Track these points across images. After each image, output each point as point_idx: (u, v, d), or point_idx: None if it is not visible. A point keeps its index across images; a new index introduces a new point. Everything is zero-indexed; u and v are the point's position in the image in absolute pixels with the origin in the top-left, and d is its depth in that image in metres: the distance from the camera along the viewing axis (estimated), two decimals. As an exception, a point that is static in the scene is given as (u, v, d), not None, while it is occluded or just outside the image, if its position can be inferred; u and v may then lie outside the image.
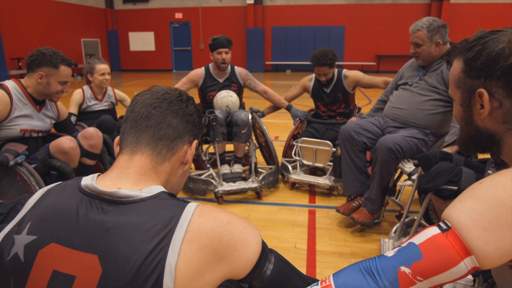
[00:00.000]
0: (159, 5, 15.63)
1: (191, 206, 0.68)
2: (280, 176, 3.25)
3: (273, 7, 14.93)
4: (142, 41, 16.29)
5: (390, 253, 0.67)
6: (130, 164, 0.74)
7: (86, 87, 3.06)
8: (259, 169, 3.20)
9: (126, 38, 16.35)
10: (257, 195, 2.94)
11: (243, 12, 14.98)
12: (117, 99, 3.26)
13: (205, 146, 3.42)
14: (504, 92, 0.74)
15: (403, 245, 0.67)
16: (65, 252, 0.63)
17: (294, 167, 3.15)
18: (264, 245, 0.74)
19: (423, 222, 1.87)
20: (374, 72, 14.54)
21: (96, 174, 0.74)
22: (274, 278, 0.72)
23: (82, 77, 13.57)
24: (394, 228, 2.13)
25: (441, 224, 0.66)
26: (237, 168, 3.10)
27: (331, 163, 2.93)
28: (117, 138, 0.81)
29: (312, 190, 3.12)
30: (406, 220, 2.05)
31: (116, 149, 0.81)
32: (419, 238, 0.66)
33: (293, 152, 3.17)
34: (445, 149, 1.97)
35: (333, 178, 2.91)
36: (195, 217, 0.66)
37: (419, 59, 2.37)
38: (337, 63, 3.15)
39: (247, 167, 3.29)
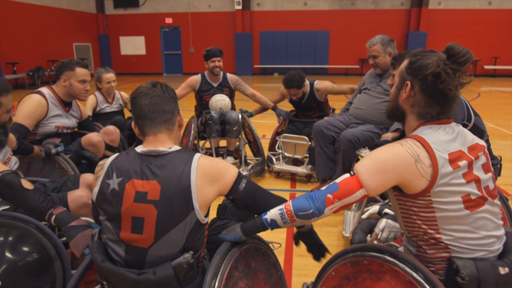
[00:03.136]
0: (149, 10, 15.99)
1: (198, 154, 1.24)
2: (266, 167, 3.79)
3: (261, 12, 15.46)
4: (133, 45, 16.60)
5: (323, 187, 1.20)
6: (157, 138, 1.25)
7: (97, 93, 3.57)
8: (248, 161, 3.74)
9: (117, 42, 16.62)
10: (246, 183, 3.47)
11: (232, 17, 15.47)
12: (124, 102, 3.76)
13: (201, 142, 3.94)
14: (419, 88, 1.18)
15: (331, 183, 1.20)
16: (140, 182, 1.17)
17: (278, 159, 3.70)
18: (240, 174, 1.29)
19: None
20: (358, 75, 15.20)
21: (140, 146, 1.26)
22: (246, 191, 1.27)
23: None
24: (355, 203, 2.69)
25: (351, 172, 1.19)
26: (230, 160, 3.64)
27: (308, 155, 3.49)
28: (133, 123, 1.29)
29: (293, 178, 3.67)
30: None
31: (135, 130, 1.29)
32: (339, 179, 1.18)
33: (276, 146, 3.72)
34: (388, 133, 2.55)
35: (309, 167, 3.47)
36: (201, 159, 1.23)
37: (377, 69, 2.94)
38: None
39: (238, 160, 3.82)
